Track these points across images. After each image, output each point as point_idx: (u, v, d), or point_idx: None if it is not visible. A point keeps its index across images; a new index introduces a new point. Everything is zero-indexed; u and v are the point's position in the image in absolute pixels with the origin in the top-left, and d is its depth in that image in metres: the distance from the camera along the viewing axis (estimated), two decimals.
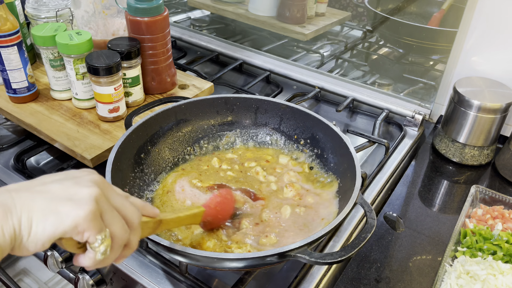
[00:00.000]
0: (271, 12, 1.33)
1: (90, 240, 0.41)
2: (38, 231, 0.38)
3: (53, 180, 0.42)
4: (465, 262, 0.65)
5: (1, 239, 0.37)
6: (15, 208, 0.38)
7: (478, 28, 0.89)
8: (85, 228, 0.40)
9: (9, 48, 0.87)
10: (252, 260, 0.56)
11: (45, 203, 0.39)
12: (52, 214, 0.38)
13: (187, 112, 0.83)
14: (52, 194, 0.40)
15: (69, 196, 0.40)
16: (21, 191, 0.39)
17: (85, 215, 0.39)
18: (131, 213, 0.45)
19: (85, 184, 0.42)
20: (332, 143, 0.77)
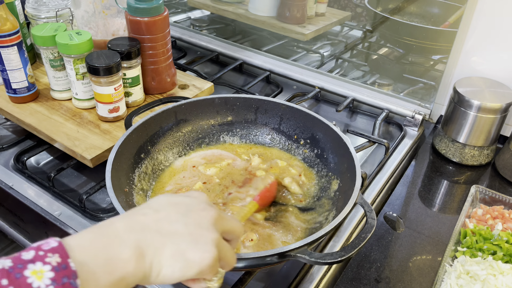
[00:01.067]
0: (271, 12, 1.34)
1: (207, 278, 0.45)
2: (167, 274, 0.42)
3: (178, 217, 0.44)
4: (465, 262, 0.65)
5: (131, 278, 0.40)
6: (148, 253, 0.41)
7: (478, 28, 0.89)
8: (208, 273, 0.44)
9: (9, 48, 0.87)
10: (252, 260, 0.56)
11: (174, 249, 0.42)
12: (180, 261, 0.42)
13: (187, 112, 0.83)
14: (179, 238, 0.43)
15: (194, 242, 0.43)
16: (153, 231, 0.42)
17: (209, 263, 0.43)
18: (238, 230, 0.49)
19: (207, 227, 0.44)
20: (332, 143, 0.77)
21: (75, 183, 0.86)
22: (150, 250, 0.41)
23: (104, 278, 0.37)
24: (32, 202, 0.78)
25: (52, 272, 0.34)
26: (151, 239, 0.41)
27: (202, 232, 0.44)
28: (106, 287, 0.38)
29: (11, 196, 0.80)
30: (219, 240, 0.45)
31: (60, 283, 0.34)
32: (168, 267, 0.41)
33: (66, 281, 0.34)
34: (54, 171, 0.82)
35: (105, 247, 0.39)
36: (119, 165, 0.68)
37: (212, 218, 0.45)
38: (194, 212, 0.45)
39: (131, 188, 0.71)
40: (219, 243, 0.45)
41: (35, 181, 0.83)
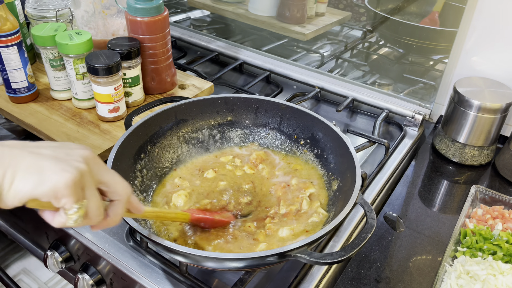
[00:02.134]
0: (271, 12, 1.33)
1: (66, 207, 0.42)
2: (18, 186, 0.40)
3: (48, 146, 0.44)
4: (465, 262, 0.65)
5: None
6: (3, 162, 0.40)
7: (478, 28, 0.89)
8: (64, 195, 0.41)
9: (9, 48, 0.87)
10: (252, 260, 0.56)
11: (32, 163, 0.40)
12: (35, 174, 0.40)
13: (187, 112, 0.83)
14: (41, 157, 0.41)
15: (56, 162, 0.41)
16: (15, 148, 0.41)
17: (66, 182, 0.41)
18: (120, 187, 0.47)
19: (76, 159, 0.43)
20: (332, 143, 0.77)
21: None
22: (5, 159, 0.40)
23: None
24: None
25: None
26: (10, 152, 0.41)
27: (69, 158, 0.43)
28: None
29: None
30: (85, 172, 0.43)
31: None
32: (21, 179, 0.40)
33: None
34: None
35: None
36: (119, 165, 0.68)
37: (85, 155, 0.45)
38: (69, 148, 0.45)
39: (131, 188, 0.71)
40: (85, 175, 0.43)
41: None
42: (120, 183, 0.48)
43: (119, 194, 0.48)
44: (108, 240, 0.72)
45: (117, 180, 0.48)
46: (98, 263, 0.71)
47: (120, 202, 0.48)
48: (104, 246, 0.71)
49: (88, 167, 0.44)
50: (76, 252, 0.76)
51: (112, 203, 0.48)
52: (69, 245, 0.76)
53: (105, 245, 0.71)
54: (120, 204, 0.48)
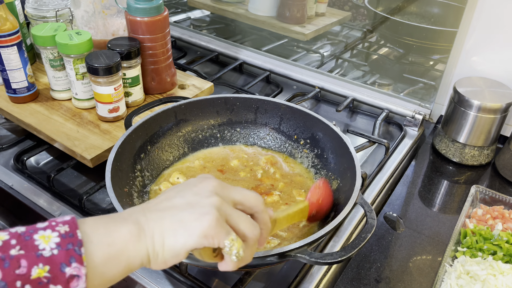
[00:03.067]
0: (271, 12, 1.33)
1: (221, 246, 0.43)
2: (171, 243, 0.41)
3: (176, 193, 0.45)
4: (465, 262, 0.65)
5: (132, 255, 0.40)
6: (148, 227, 0.41)
7: (478, 28, 0.89)
8: (213, 236, 0.42)
9: (9, 48, 0.87)
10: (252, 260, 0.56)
11: (172, 219, 0.42)
12: (180, 228, 0.42)
13: (187, 112, 0.83)
14: (177, 209, 0.43)
15: (192, 209, 0.43)
16: (152, 210, 0.43)
17: (209, 224, 0.42)
18: (253, 199, 0.48)
19: (205, 194, 0.44)
20: (332, 143, 0.77)
21: (75, 183, 0.86)
22: (149, 224, 0.42)
23: (101, 250, 0.38)
24: (32, 202, 0.78)
25: (58, 238, 0.36)
26: (150, 215, 0.42)
27: (199, 198, 0.44)
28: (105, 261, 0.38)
29: (11, 196, 0.80)
30: (220, 204, 0.44)
31: (64, 248, 0.35)
32: (170, 237, 0.41)
33: (71, 247, 0.36)
34: (54, 171, 0.82)
35: (107, 223, 0.40)
36: (119, 165, 0.68)
37: (210, 186, 0.45)
38: (193, 186, 0.46)
39: (131, 188, 0.71)
40: (222, 207, 0.44)
41: (35, 181, 0.83)
42: (250, 195, 0.48)
43: (255, 205, 0.48)
44: None
45: (246, 193, 0.48)
46: None
47: (261, 212, 0.48)
48: None
49: (219, 197, 0.45)
50: None
51: (255, 217, 0.48)
52: None
53: None
54: (262, 213, 0.49)
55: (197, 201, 0.44)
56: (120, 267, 0.39)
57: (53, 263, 0.35)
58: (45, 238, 0.36)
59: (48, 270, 0.34)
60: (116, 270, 0.39)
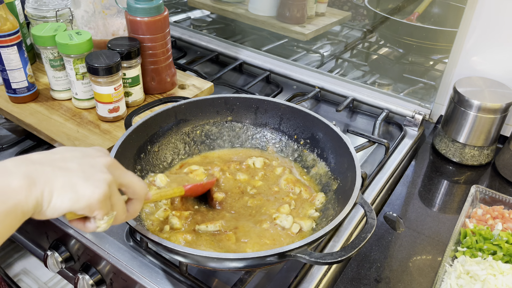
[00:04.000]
0: (271, 12, 1.33)
1: (98, 217, 0.47)
2: (57, 203, 0.44)
3: (73, 158, 0.47)
4: (465, 262, 0.65)
5: (25, 207, 0.42)
6: (39, 181, 0.43)
7: (478, 28, 0.89)
8: (96, 208, 0.46)
9: (9, 48, 0.87)
10: (252, 260, 0.56)
11: (65, 181, 0.44)
12: (70, 192, 0.44)
13: (187, 112, 0.83)
14: (71, 173, 0.45)
15: (86, 178, 0.45)
16: (45, 165, 0.44)
17: (98, 198, 0.45)
18: (139, 187, 0.52)
19: (100, 169, 0.47)
20: (332, 143, 0.77)
21: None
22: (41, 179, 0.43)
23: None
24: None
25: None
26: (42, 170, 0.44)
27: (94, 171, 0.47)
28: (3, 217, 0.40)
29: None
30: (111, 182, 0.47)
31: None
32: (58, 197, 0.43)
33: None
34: None
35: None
36: None
37: (106, 162, 0.49)
38: (90, 157, 0.48)
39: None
40: (112, 185, 0.47)
41: None
42: (138, 184, 0.52)
43: (138, 193, 0.52)
44: (108, 240, 0.72)
45: (135, 180, 0.52)
46: (98, 263, 0.71)
47: (138, 200, 0.53)
48: (104, 246, 0.71)
49: (112, 175, 0.48)
50: (76, 252, 0.76)
51: (130, 201, 0.53)
52: (69, 245, 0.76)
53: (105, 245, 0.71)
54: (138, 202, 0.53)
55: (92, 173, 0.46)
56: (16, 219, 0.41)
57: None
58: None
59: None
60: (14, 222, 0.41)
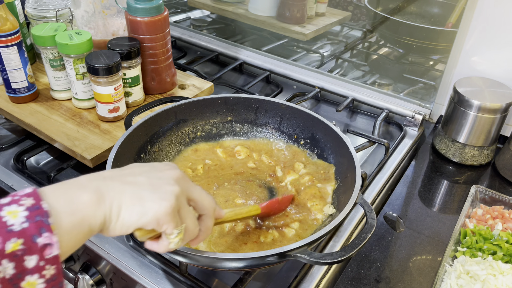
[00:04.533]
0: (271, 12, 1.33)
1: (167, 232, 0.46)
2: (125, 217, 0.43)
3: (141, 172, 0.48)
4: (465, 262, 0.65)
5: (93, 221, 0.42)
6: (108, 196, 0.43)
7: (478, 28, 0.89)
8: (164, 222, 0.45)
9: (9, 48, 0.87)
10: (252, 260, 0.56)
11: (133, 195, 0.44)
12: (138, 205, 0.44)
13: (187, 112, 0.83)
14: (139, 186, 0.45)
15: (153, 190, 0.45)
16: (115, 180, 0.45)
17: (166, 210, 0.45)
18: (207, 202, 0.51)
19: (168, 182, 0.47)
20: (332, 143, 0.77)
21: None
22: (110, 194, 0.43)
23: (66, 219, 0.40)
24: None
25: (26, 212, 0.37)
26: (112, 185, 0.44)
27: (162, 183, 0.46)
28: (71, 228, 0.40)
29: None
30: (179, 194, 0.46)
31: (33, 221, 0.37)
32: (126, 211, 0.43)
33: (39, 219, 0.37)
34: (54, 171, 0.82)
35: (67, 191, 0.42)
36: (119, 165, 0.68)
37: (175, 175, 0.48)
38: (158, 170, 0.48)
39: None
40: (180, 197, 0.46)
41: (35, 181, 0.83)
42: (206, 198, 0.51)
43: (207, 208, 0.51)
44: (108, 240, 0.72)
45: (203, 195, 0.51)
46: (98, 263, 0.71)
47: (208, 216, 0.51)
48: (104, 246, 0.71)
49: (180, 188, 0.47)
50: (76, 252, 0.76)
51: (201, 218, 0.51)
52: None
53: (105, 245, 0.71)
54: (209, 218, 0.52)
55: (159, 185, 0.46)
56: (83, 232, 0.41)
57: (26, 236, 0.36)
58: (11, 213, 0.37)
59: (22, 243, 0.36)
60: (80, 235, 0.41)
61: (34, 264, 0.36)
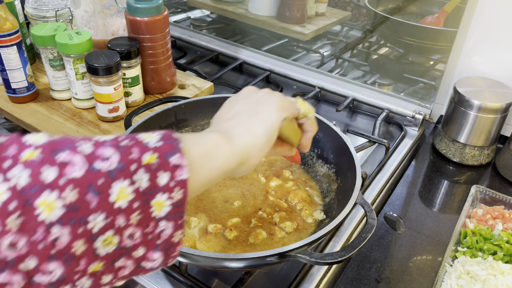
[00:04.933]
0: (271, 12, 1.33)
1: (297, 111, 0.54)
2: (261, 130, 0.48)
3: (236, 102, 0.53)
4: (465, 262, 0.65)
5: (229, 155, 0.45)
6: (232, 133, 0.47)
7: (478, 28, 0.89)
8: (287, 107, 0.52)
9: (9, 48, 0.87)
10: (252, 260, 0.56)
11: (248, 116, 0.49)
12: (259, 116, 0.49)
13: (187, 112, 0.83)
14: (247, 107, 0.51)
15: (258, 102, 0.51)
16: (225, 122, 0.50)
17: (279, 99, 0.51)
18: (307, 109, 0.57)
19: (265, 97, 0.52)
20: (332, 143, 0.77)
21: None
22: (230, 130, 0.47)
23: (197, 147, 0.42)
24: None
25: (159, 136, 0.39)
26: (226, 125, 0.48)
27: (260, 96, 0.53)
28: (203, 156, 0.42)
29: None
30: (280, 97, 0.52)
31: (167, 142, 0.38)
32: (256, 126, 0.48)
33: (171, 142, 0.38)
34: None
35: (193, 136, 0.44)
36: None
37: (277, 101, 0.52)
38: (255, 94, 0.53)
39: None
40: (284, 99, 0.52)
41: None
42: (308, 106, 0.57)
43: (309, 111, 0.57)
44: None
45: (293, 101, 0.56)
46: None
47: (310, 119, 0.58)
48: None
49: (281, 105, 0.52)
50: None
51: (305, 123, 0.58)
52: None
53: None
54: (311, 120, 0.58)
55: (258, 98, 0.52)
56: (217, 163, 0.43)
57: (160, 152, 0.37)
58: (147, 136, 0.39)
59: (157, 157, 0.37)
60: (213, 165, 0.43)
61: (165, 182, 0.37)
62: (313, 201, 0.74)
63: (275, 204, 0.73)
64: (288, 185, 0.77)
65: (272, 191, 0.76)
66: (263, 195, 0.75)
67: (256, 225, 0.69)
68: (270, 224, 0.69)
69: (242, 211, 0.71)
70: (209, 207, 0.72)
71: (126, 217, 0.34)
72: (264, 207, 0.72)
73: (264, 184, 0.77)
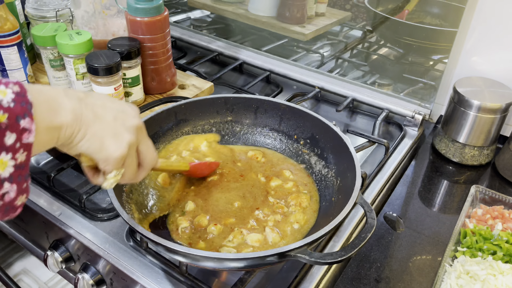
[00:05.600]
0: (271, 12, 1.33)
1: (107, 171, 0.51)
2: (83, 146, 0.48)
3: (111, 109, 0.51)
4: (465, 262, 0.65)
5: (63, 134, 0.45)
6: (80, 121, 0.46)
7: (478, 28, 0.89)
8: (110, 164, 0.50)
9: (9, 48, 0.87)
10: (252, 260, 0.56)
11: (98, 130, 0.48)
12: (98, 142, 0.48)
13: (187, 112, 0.83)
14: (105, 125, 0.49)
15: (114, 134, 0.49)
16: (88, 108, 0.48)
17: (116, 156, 0.49)
18: (150, 158, 0.56)
19: (128, 129, 0.51)
20: (332, 143, 0.77)
21: (75, 183, 0.86)
22: (82, 119, 0.47)
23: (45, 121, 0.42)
24: (32, 202, 0.78)
25: (13, 95, 0.39)
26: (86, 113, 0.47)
27: (124, 130, 0.50)
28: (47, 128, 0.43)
29: None
30: (133, 145, 0.51)
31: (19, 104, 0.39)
32: (86, 142, 0.47)
33: (24, 105, 0.39)
34: (54, 171, 0.82)
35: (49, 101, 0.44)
36: None
37: (137, 125, 0.52)
38: (125, 114, 0.52)
39: (132, 187, 0.71)
40: (132, 147, 0.51)
41: (35, 181, 0.83)
42: (151, 154, 0.56)
43: (147, 163, 0.56)
44: (108, 240, 0.72)
45: (150, 151, 0.56)
46: (98, 263, 0.72)
47: (145, 170, 0.57)
48: (104, 246, 0.71)
49: (136, 139, 0.52)
50: (76, 252, 0.76)
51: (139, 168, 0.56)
52: (69, 245, 0.76)
53: (105, 245, 0.71)
54: (144, 171, 0.57)
55: (121, 132, 0.50)
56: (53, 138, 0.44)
57: (11, 113, 0.38)
58: (2, 91, 0.39)
59: (7, 117, 0.38)
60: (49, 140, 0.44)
61: (11, 142, 0.38)
62: (310, 204, 0.74)
63: (274, 206, 0.73)
64: (288, 186, 0.77)
65: (272, 191, 0.76)
66: (263, 195, 0.75)
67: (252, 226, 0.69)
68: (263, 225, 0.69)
69: (239, 212, 0.72)
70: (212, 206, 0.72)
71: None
72: (263, 207, 0.72)
73: (264, 184, 0.77)
